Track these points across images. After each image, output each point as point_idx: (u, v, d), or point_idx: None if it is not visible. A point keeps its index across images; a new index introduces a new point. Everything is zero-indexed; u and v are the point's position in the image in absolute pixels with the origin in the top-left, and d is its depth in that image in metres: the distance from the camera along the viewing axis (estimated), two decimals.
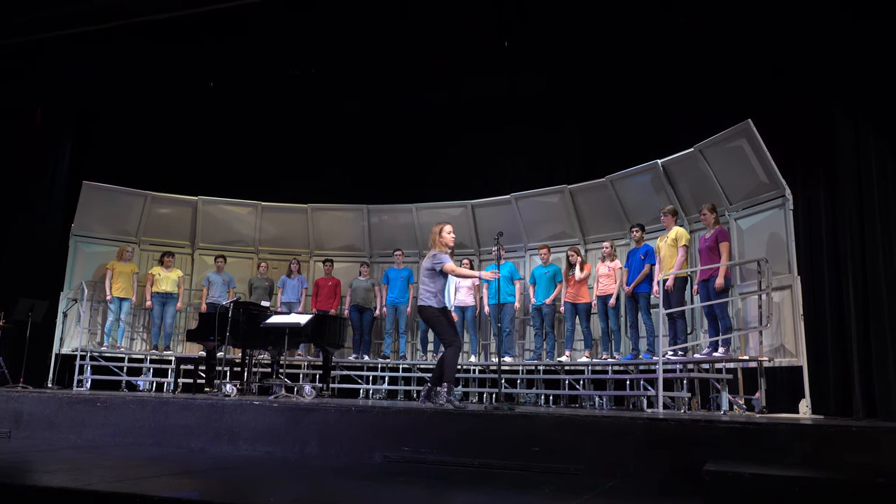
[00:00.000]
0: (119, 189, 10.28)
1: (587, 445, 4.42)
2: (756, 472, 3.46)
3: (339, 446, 5.06)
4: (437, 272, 6.20)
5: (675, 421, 4.46)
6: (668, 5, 8.45)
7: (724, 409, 6.65)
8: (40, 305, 9.34)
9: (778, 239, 6.91)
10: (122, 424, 5.77)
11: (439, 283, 6.26)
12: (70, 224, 10.06)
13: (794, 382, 6.94)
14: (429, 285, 6.22)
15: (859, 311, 7.33)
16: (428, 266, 6.25)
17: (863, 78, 7.48)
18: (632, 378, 8.17)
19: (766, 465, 3.65)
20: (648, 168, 8.42)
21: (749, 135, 6.97)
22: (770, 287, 6.68)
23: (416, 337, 10.17)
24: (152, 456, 4.94)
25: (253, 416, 5.41)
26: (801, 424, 4.29)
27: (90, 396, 6.26)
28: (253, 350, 8.49)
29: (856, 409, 7.15)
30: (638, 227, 8.16)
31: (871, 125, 7.38)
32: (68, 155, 11.17)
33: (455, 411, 5.14)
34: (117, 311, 9.78)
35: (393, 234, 10.78)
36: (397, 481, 4.00)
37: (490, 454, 4.58)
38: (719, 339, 6.86)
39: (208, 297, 9.98)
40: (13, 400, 6.20)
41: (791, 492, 3.31)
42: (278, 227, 11.01)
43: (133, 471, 4.14)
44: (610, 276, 8.38)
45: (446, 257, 6.22)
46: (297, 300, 10.23)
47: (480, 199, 10.20)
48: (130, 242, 10.40)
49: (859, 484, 3.30)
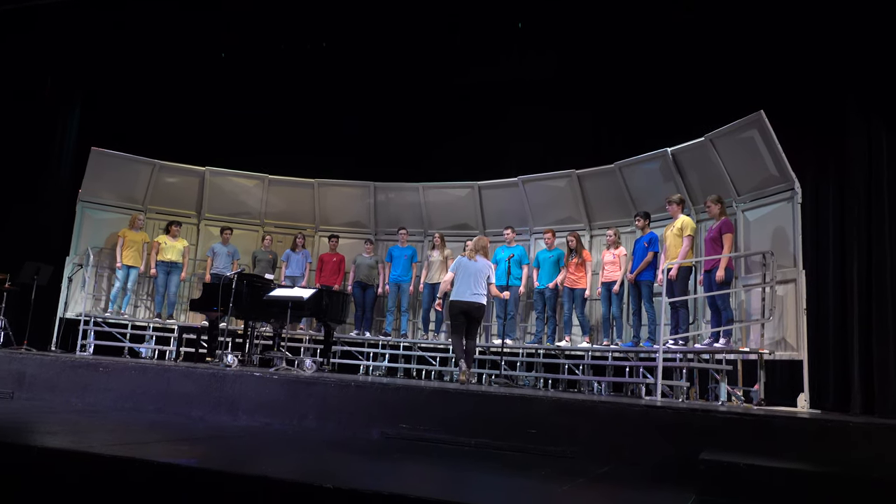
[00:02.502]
0: (127, 156, 10.26)
1: (584, 430, 4.43)
2: (751, 462, 3.47)
3: (338, 421, 5.08)
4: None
5: (673, 409, 4.47)
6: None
7: (722, 400, 6.65)
8: (45, 269, 9.37)
9: (784, 232, 6.87)
10: (124, 390, 5.82)
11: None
12: (77, 190, 10.07)
13: (793, 376, 6.93)
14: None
15: (862, 308, 7.30)
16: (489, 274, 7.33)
17: (876, 72, 7.40)
18: (631, 365, 8.17)
19: (761, 457, 3.66)
20: (658, 156, 8.37)
21: (761, 126, 6.91)
22: (774, 280, 6.66)
23: (417, 316, 10.19)
24: (152, 422, 4.98)
25: (253, 387, 5.44)
26: (799, 418, 4.30)
27: (93, 361, 6.30)
28: (255, 322, 8.52)
29: (854, 406, 7.15)
30: (642, 215, 8.13)
31: (883, 121, 7.31)
32: (77, 121, 11.16)
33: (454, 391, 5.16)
34: (124, 279, 9.81)
35: (398, 213, 10.76)
36: (394, 458, 4.03)
37: (487, 434, 4.59)
38: (720, 331, 6.85)
39: (212, 268, 10.00)
40: (16, 361, 6.25)
41: (786, 484, 3.32)
42: (285, 201, 10.99)
43: (133, 435, 4.17)
44: (615, 264, 8.37)
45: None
46: (301, 274, 10.25)
47: (487, 181, 10.15)
48: (137, 210, 10.40)
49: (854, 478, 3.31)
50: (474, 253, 7.38)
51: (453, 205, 10.46)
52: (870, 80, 7.48)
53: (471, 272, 7.23)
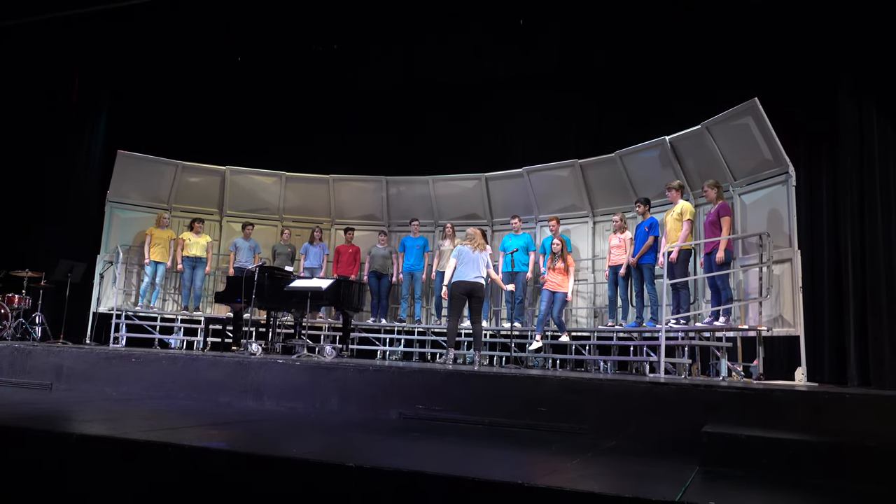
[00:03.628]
0: (152, 158, 10.31)
1: (591, 407, 4.44)
2: (752, 434, 3.47)
3: (358, 403, 5.11)
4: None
5: (676, 385, 4.47)
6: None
7: (722, 376, 6.65)
8: (78, 267, 9.45)
9: (780, 214, 6.83)
10: (155, 379, 5.86)
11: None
12: (106, 191, 10.13)
13: (791, 351, 6.92)
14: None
15: (857, 284, 7.27)
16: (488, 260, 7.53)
17: (867, 55, 7.33)
18: (635, 345, 8.17)
19: (762, 429, 3.66)
20: (656, 144, 8.33)
21: (755, 113, 6.86)
22: (771, 260, 6.63)
23: (430, 302, 10.22)
24: (183, 408, 5.02)
25: (277, 374, 5.47)
26: (797, 391, 4.29)
27: (125, 353, 6.35)
28: (277, 312, 8.56)
29: (850, 378, 7.14)
30: (642, 201, 8.09)
31: (874, 102, 7.26)
32: (104, 125, 11.22)
33: (467, 373, 5.17)
34: (153, 274, 9.90)
35: (410, 205, 10.77)
36: (412, 436, 4.05)
37: (499, 413, 4.61)
38: (720, 310, 6.83)
39: (235, 262, 10.05)
40: (54, 354, 6.30)
41: (785, 453, 3.32)
42: (301, 197, 11.02)
43: (165, 422, 4.21)
44: (621, 248, 8.33)
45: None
46: (319, 266, 10.28)
47: (494, 173, 10.14)
48: (163, 209, 10.46)
49: (851, 446, 3.31)
50: (475, 243, 7.49)
51: (461, 196, 10.46)
52: (861, 64, 7.41)
53: (472, 258, 7.41)
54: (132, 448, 3.14)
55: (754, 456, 3.34)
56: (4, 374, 6.31)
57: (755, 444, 3.39)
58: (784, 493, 2.84)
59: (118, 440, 3.23)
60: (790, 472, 3.23)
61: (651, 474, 3.15)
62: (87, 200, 10.74)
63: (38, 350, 6.41)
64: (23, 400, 5.03)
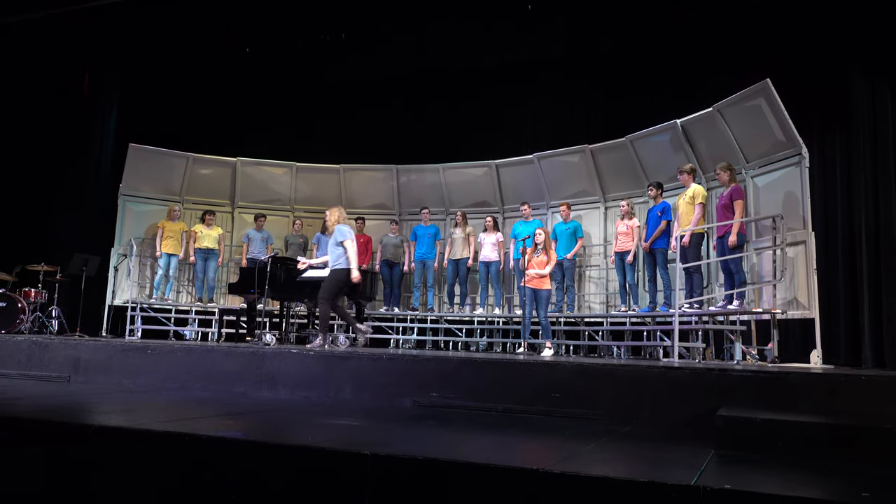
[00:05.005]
0: (163, 151, 10.34)
1: (605, 392, 4.43)
2: (767, 417, 3.46)
3: (372, 392, 5.13)
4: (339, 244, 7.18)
5: (690, 370, 4.45)
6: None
7: (737, 359, 6.62)
8: (93, 260, 9.52)
9: (793, 196, 6.76)
10: (171, 370, 5.90)
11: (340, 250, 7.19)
12: (118, 184, 10.18)
13: (805, 334, 6.88)
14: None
15: (871, 265, 7.21)
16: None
17: (879, 35, 7.23)
18: (648, 329, 8.15)
19: (776, 412, 3.64)
20: (668, 128, 8.26)
21: (767, 94, 6.79)
22: (784, 242, 6.58)
23: (443, 291, 10.23)
24: (199, 399, 5.06)
25: (291, 364, 5.49)
26: (812, 374, 4.26)
27: (141, 344, 6.40)
28: (290, 302, 8.60)
29: (865, 360, 7.09)
30: (654, 185, 8.04)
31: (887, 82, 7.16)
32: (115, 118, 11.27)
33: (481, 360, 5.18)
34: (166, 267, 9.95)
35: (420, 194, 10.76)
36: (427, 424, 4.06)
37: (513, 400, 4.61)
38: (734, 293, 6.80)
39: (248, 253, 10.09)
40: (71, 347, 6.36)
41: (801, 436, 3.31)
42: (312, 187, 11.02)
43: (182, 412, 4.24)
44: (628, 234, 8.31)
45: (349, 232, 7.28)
46: None
47: (504, 159, 10.11)
48: (175, 201, 10.50)
49: (867, 429, 3.29)
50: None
51: (472, 183, 10.43)
52: (872, 43, 7.32)
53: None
54: (150, 439, 3.17)
55: (770, 439, 3.32)
56: (23, 367, 6.38)
57: (771, 427, 3.37)
58: (800, 476, 2.83)
59: (136, 431, 3.26)
60: (806, 455, 3.22)
61: (666, 459, 3.15)
62: (100, 194, 10.82)
63: (56, 343, 6.47)
64: (42, 393, 5.08)
